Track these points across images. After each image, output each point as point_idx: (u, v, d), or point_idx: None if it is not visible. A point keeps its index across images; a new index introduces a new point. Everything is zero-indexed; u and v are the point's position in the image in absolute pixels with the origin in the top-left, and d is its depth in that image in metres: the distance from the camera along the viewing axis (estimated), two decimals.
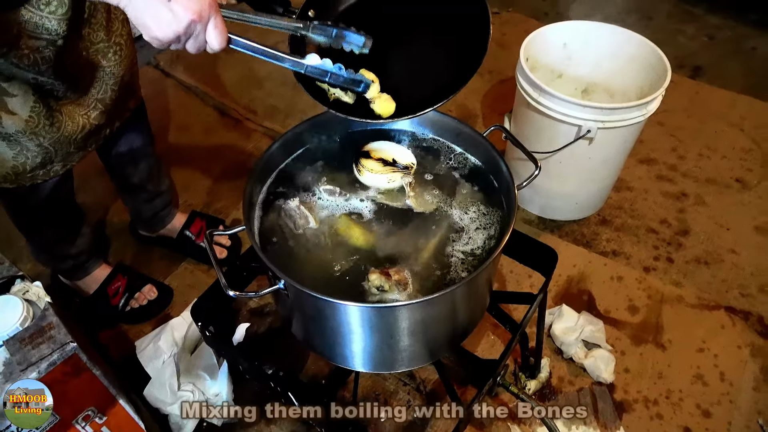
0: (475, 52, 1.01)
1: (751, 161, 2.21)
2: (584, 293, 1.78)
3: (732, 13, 2.97)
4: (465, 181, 1.13)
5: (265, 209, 1.08)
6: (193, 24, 0.78)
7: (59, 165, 1.30)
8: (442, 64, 1.08)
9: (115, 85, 1.32)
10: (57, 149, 1.26)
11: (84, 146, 1.33)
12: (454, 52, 1.07)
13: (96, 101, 1.29)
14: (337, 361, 1.06)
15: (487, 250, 1.01)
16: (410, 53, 1.09)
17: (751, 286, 1.81)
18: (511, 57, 2.66)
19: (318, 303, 0.91)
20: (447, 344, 1.08)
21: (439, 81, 1.04)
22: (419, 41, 1.10)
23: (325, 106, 1.03)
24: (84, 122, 1.28)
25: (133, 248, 1.94)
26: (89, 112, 1.29)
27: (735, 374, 1.58)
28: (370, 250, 1.01)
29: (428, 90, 1.03)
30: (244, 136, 2.34)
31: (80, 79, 1.24)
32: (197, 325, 1.17)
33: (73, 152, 1.31)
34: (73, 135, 1.26)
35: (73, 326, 1.11)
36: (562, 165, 1.79)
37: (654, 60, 1.76)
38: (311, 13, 1.07)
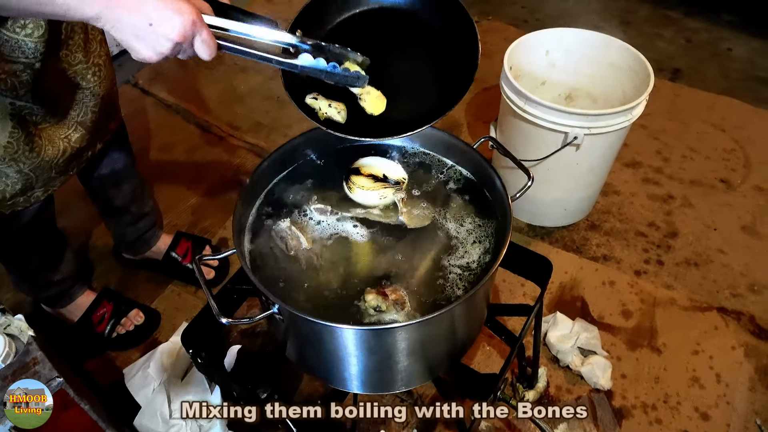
0: (465, 70, 1.00)
1: (733, 161, 2.23)
2: (577, 299, 1.77)
3: (708, 16, 3.02)
4: (457, 195, 1.11)
5: (255, 231, 1.06)
6: (178, 45, 0.77)
7: (40, 191, 1.26)
8: (432, 83, 1.06)
9: (96, 106, 1.29)
10: (38, 175, 1.22)
11: (65, 170, 1.29)
12: (444, 71, 1.06)
13: (76, 124, 1.26)
14: (334, 383, 1.04)
15: (483, 264, 0.99)
16: (399, 72, 1.08)
17: (741, 285, 1.82)
18: (493, 65, 2.67)
19: (314, 327, 0.88)
20: (446, 362, 1.06)
21: (430, 99, 1.03)
22: (408, 60, 1.09)
23: (317, 123, 1.01)
24: (65, 146, 1.24)
25: (118, 272, 1.89)
26: (70, 134, 1.25)
27: (731, 375, 1.59)
28: (364, 269, 0.99)
29: (420, 108, 1.02)
30: (228, 153, 2.31)
31: (59, 101, 1.21)
32: (188, 352, 1.13)
33: (55, 177, 1.27)
34: (53, 159, 1.23)
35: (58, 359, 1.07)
36: (550, 172, 1.78)
37: (635, 65, 1.77)
38: (299, 33, 1.05)
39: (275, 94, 2.52)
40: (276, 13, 2.96)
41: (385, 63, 1.08)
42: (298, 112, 1.02)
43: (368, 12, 1.11)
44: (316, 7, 1.07)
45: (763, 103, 2.49)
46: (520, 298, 1.76)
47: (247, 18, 1.06)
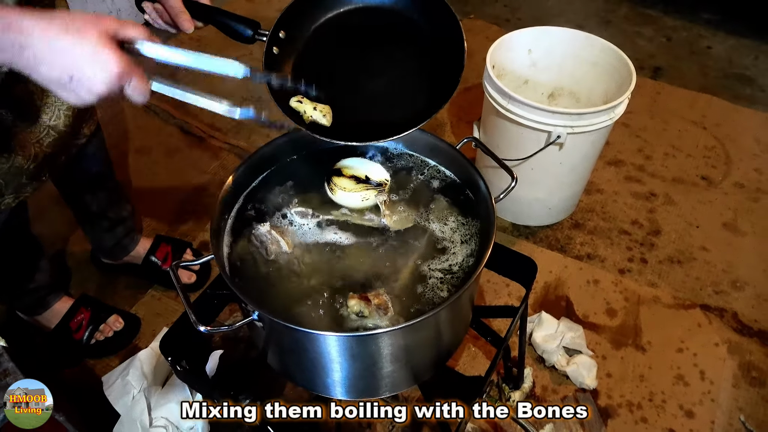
0: (451, 70, 0.99)
1: (714, 158, 2.25)
2: (562, 299, 1.77)
3: (686, 14, 3.04)
4: (441, 196, 1.10)
5: (235, 236, 1.03)
6: (107, 92, 0.73)
7: (11, 197, 1.22)
8: (419, 84, 1.05)
9: (68, 110, 1.25)
10: (8, 181, 1.18)
11: (37, 176, 1.25)
12: (430, 72, 1.05)
13: (48, 128, 1.22)
14: (317, 390, 1.02)
15: (467, 267, 0.98)
16: (385, 73, 1.07)
17: (723, 282, 1.83)
18: (474, 65, 2.66)
19: (294, 334, 0.86)
20: (432, 366, 1.04)
21: (417, 100, 1.02)
22: (394, 61, 1.08)
23: (302, 127, 0.99)
24: (36, 151, 1.20)
25: (96, 278, 1.85)
26: (42, 139, 1.21)
27: (715, 372, 1.59)
28: (347, 273, 0.97)
29: (407, 110, 1.00)
30: (208, 155, 2.27)
31: (31, 105, 1.17)
32: (167, 360, 1.10)
33: (26, 183, 1.23)
34: (24, 165, 1.19)
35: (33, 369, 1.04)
36: (533, 171, 1.78)
37: (617, 63, 1.77)
38: (282, 35, 1.03)
39: (256, 95, 2.48)
40: (256, 12, 2.92)
41: (370, 64, 1.07)
42: (278, 113, 1.00)
43: (353, 11, 1.09)
44: (300, 7, 1.05)
45: (741, 100, 2.52)
46: (505, 298, 1.76)
47: (228, 20, 1.03)
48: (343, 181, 1.08)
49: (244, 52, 2.79)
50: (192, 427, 1.42)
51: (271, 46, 1.03)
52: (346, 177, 1.09)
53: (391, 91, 1.05)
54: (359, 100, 1.03)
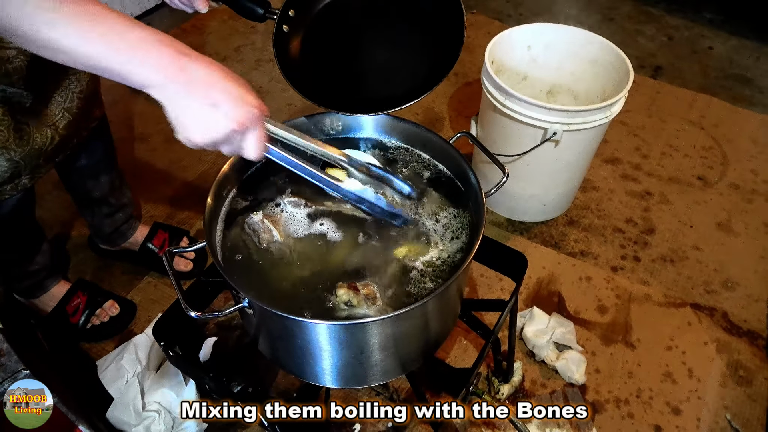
0: (451, 49, 1.03)
1: (711, 159, 2.26)
2: (554, 295, 1.79)
3: (689, 14, 3.04)
4: (433, 190, 1.11)
5: (228, 223, 1.05)
6: (232, 133, 0.74)
7: (27, 178, 1.25)
8: (420, 60, 1.11)
9: (81, 93, 1.29)
10: (27, 162, 1.21)
11: (53, 158, 1.29)
12: (431, 48, 1.10)
13: (63, 110, 1.25)
14: (307, 378, 1.04)
15: (457, 259, 0.99)
16: (386, 49, 1.12)
17: (714, 282, 1.84)
18: (475, 60, 2.68)
19: (284, 321, 0.88)
20: (420, 356, 1.06)
21: (418, 75, 1.08)
22: (395, 38, 1.13)
23: (309, 99, 1.03)
24: (53, 133, 1.24)
25: (94, 263, 1.87)
26: (57, 122, 1.25)
27: (702, 371, 1.61)
28: (337, 263, 0.99)
29: (407, 83, 1.06)
30: None
31: (47, 88, 1.21)
32: (160, 345, 1.12)
33: (42, 165, 1.26)
34: (43, 147, 1.22)
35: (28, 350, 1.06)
36: (529, 167, 1.79)
37: (616, 62, 1.77)
38: (291, 13, 1.07)
39: (257, 85, 2.49)
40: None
41: (374, 40, 1.11)
42: (279, 102, 1.02)
43: None
44: None
45: (740, 101, 2.52)
46: (498, 292, 1.77)
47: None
48: (337, 173, 1.09)
49: (246, 42, 2.81)
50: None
51: (281, 25, 1.07)
52: (340, 168, 1.10)
53: (393, 65, 1.10)
54: (363, 75, 1.07)
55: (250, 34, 2.85)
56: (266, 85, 2.49)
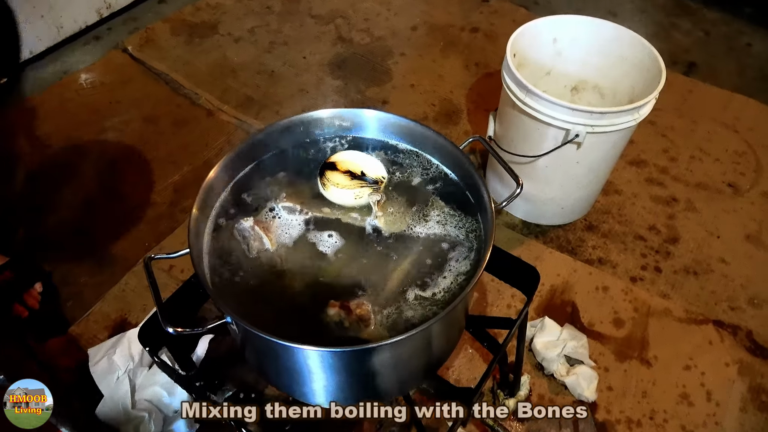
0: None
1: (744, 165, 2.13)
2: (568, 304, 1.70)
3: (728, 8, 2.87)
4: (440, 199, 1.02)
5: (217, 229, 0.98)
6: None
7: None
8: None
9: None
10: None
11: None
12: None
13: None
14: (295, 396, 0.97)
15: (462, 279, 0.91)
16: None
17: (740, 298, 1.73)
18: (498, 49, 2.56)
19: (269, 344, 0.81)
20: (420, 377, 0.99)
21: None
22: None
23: None
24: None
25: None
26: None
27: (722, 394, 1.52)
28: (331, 277, 0.91)
29: None
30: (216, 129, 2.21)
31: None
32: (146, 350, 1.06)
33: None
34: None
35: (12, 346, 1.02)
36: (548, 169, 1.69)
37: (648, 59, 1.66)
38: None
39: (269, 68, 2.41)
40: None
41: None
42: (291, 89, 0.94)
43: None
44: None
45: None
46: (508, 299, 1.69)
47: None
48: (337, 176, 1.01)
49: (261, 23, 2.72)
50: (176, 411, 1.39)
51: None
52: (340, 172, 1.02)
53: None
54: None
55: (266, 14, 2.76)
56: (279, 69, 2.41)
